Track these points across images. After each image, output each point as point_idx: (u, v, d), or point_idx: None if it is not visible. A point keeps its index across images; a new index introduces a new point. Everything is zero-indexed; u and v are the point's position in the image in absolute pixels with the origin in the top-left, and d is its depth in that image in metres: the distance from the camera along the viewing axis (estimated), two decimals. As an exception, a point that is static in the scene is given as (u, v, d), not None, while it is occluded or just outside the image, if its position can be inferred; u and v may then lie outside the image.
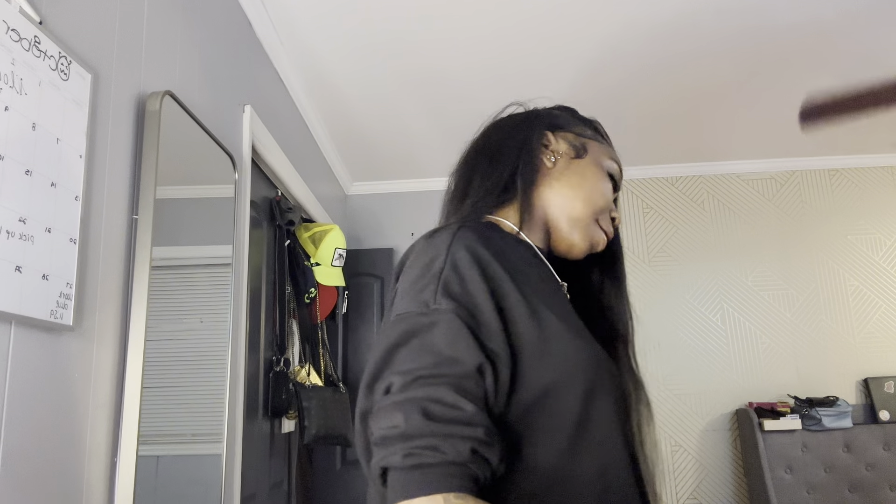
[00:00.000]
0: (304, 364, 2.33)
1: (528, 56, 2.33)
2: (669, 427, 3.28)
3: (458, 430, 0.50)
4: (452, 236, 0.63)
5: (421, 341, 0.55)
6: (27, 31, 0.90)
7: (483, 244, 0.63)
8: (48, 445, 0.92)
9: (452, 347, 0.54)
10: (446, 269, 0.60)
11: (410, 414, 0.50)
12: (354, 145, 3.08)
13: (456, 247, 0.61)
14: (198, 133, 1.45)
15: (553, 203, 0.78)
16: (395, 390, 0.53)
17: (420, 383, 0.52)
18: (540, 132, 0.81)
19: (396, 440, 0.50)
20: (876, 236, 3.44)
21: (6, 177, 0.84)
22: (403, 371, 0.54)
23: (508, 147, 0.79)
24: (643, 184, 3.59)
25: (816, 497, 2.94)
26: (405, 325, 0.57)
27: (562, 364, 0.59)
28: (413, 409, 0.51)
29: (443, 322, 0.56)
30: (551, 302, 0.64)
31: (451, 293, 0.58)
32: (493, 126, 0.85)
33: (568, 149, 0.81)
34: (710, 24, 2.17)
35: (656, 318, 3.40)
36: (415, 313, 0.58)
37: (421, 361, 0.54)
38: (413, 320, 0.57)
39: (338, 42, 2.19)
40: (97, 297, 1.05)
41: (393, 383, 0.54)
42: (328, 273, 2.46)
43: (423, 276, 0.61)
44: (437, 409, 0.51)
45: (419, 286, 0.60)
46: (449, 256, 0.61)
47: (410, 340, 0.56)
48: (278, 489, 2.17)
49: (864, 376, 3.25)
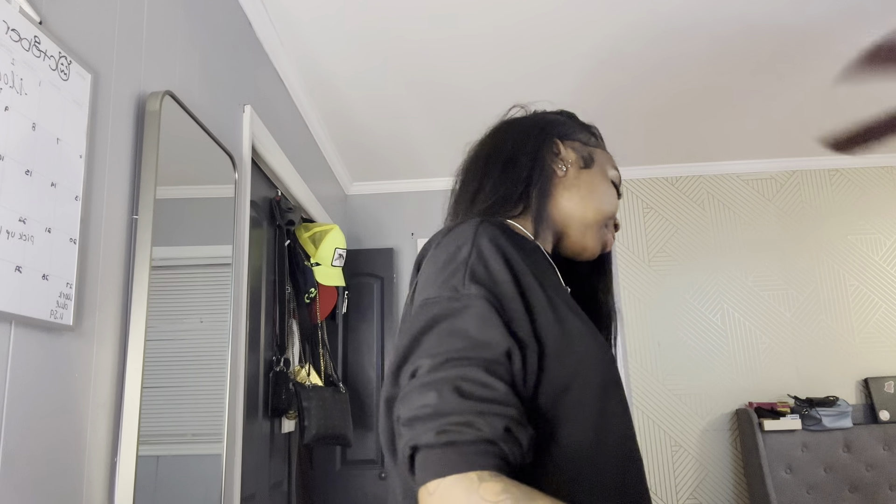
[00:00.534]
0: (304, 364, 2.33)
1: (529, 56, 2.33)
2: (669, 427, 3.29)
3: (493, 407, 0.50)
4: (476, 228, 0.64)
5: (450, 325, 0.55)
6: (27, 31, 0.90)
7: (506, 238, 0.64)
8: (48, 445, 0.92)
9: (483, 331, 0.54)
10: (473, 256, 0.61)
11: (443, 392, 0.50)
12: (354, 145, 3.08)
13: (481, 237, 0.63)
14: (198, 133, 1.45)
15: (566, 212, 0.80)
16: (423, 372, 0.53)
17: (451, 364, 0.52)
18: (550, 141, 0.83)
19: (428, 419, 0.49)
20: (876, 236, 3.44)
21: (6, 177, 0.84)
22: (433, 354, 0.54)
23: (521, 155, 0.81)
24: (643, 184, 3.59)
25: (816, 497, 2.94)
26: (434, 310, 0.57)
27: (581, 361, 0.61)
28: (446, 387, 0.50)
29: (473, 306, 0.56)
30: (566, 300, 0.66)
31: (479, 280, 0.58)
32: (501, 130, 0.86)
33: (577, 159, 0.83)
34: (710, 25, 2.17)
35: (656, 317, 3.40)
36: (445, 297, 0.58)
37: (451, 344, 0.54)
38: (443, 305, 0.57)
39: (338, 42, 2.19)
40: (97, 297, 1.05)
41: (421, 366, 0.54)
42: (328, 273, 2.46)
43: (449, 263, 0.61)
44: (470, 387, 0.51)
45: (447, 273, 0.60)
46: (475, 246, 0.62)
47: (439, 324, 0.56)
48: (278, 489, 2.17)
49: (864, 376, 3.25)
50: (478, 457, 0.48)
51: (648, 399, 3.32)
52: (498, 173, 0.80)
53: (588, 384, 0.60)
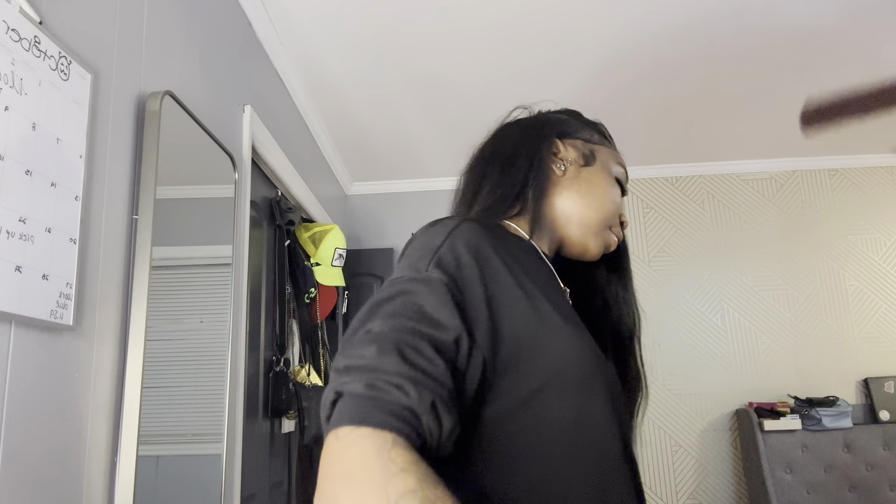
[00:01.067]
0: (304, 364, 2.33)
1: (530, 57, 2.33)
2: (669, 427, 3.29)
3: (427, 380, 0.49)
4: (457, 223, 0.64)
5: (406, 299, 0.55)
6: (27, 31, 0.90)
7: (484, 235, 0.64)
8: (48, 445, 0.92)
9: (437, 311, 0.54)
10: (443, 248, 0.61)
11: (385, 349, 0.50)
12: (354, 145, 3.08)
13: (457, 233, 0.62)
14: (198, 133, 1.45)
15: (564, 212, 0.79)
16: (371, 330, 0.53)
17: (400, 328, 0.52)
18: (549, 140, 0.82)
19: (363, 370, 0.49)
20: (876, 236, 3.44)
21: (6, 177, 0.84)
22: (384, 317, 0.54)
23: (519, 156, 0.80)
24: (643, 184, 3.59)
25: (816, 497, 2.94)
26: (394, 287, 0.58)
27: (558, 361, 0.59)
28: (388, 345, 0.50)
29: (432, 287, 0.56)
30: (551, 297, 0.64)
31: (443, 266, 0.58)
32: (501, 132, 0.86)
33: (577, 157, 0.82)
34: (710, 26, 2.17)
35: (656, 317, 3.40)
36: (406, 278, 0.58)
37: (404, 314, 0.54)
38: (403, 283, 0.57)
39: (338, 42, 2.19)
40: (97, 297, 1.05)
41: (371, 328, 0.53)
42: (328, 273, 2.46)
43: (420, 250, 0.62)
44: (412, 354, 0.50)
45: (414, 258, 0.61)
46: (448, 239, 0.61)
47: (395, 298, 0.56)
48: (278, 489, 2.17)
49: (864, 376, 3.25)
50: (397, 421, 0.46)
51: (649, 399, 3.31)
52: (497, 175, 0.80)
53: (562, 390, 0.58)
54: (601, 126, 0.89)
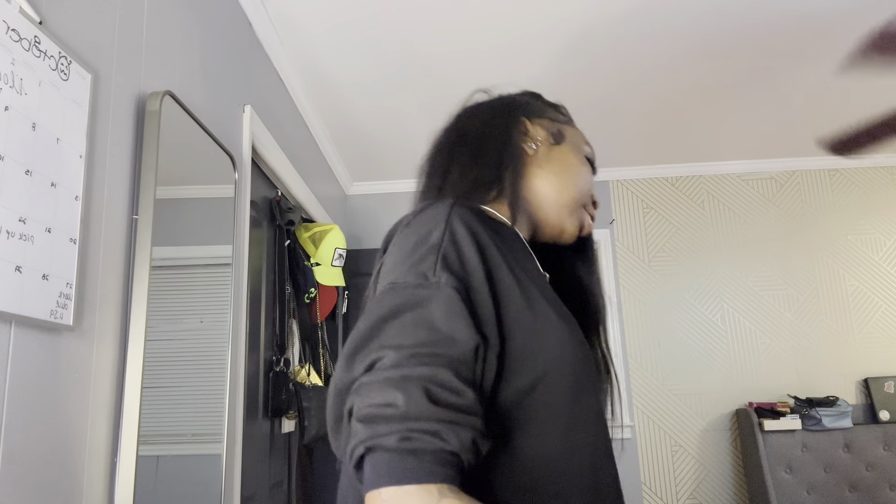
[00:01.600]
0: (304, 364, 2.33)
1: (530, 57, 2.33)
2: (669, 427, 3.28)
3: (461, 417, 0.47)
4: (450, 210, 0.61)
5: (416, 315, 0.52)
6: (27, 31, 0.90)
7: (480, 222, 0.61)
8: (48, 445, 0.92)
9: (450, 325, 0.51)
10: (445, 241, 0.57)
11: (412, 393, 0.47)
12: (354, 145, 3.08)
13: (454, 220, 0.59)
14: (198, 133, 1.45)
15: (540, 192, 0.77)
16: (387, 365, 0.49)
17: (418, 361, 0.49)
18: (517, 120, 0.79)
19: (393, 420, 0.46)
20: (876, 236, 3.44)
21: (6, 177, 0.84)
22: (397, 346, 0.50)
23: (489, 138, 0.77)
24: (643, 184, 3.59)
25: (816, 497, 2.94)
26: (400, 296, 0.54)
27: (553, 352, 0.58)
28: (414, 388, 0.47)
29: (442, 296, 0.53)
30: (541, 287, 0.63)
31: (450, 267, 0.55)
32: (465, 115, 0.82)
33: (546, 136, 0.80)
34: (709, 24, 2.17)
35: (656, 317, 3.40)
36: (413, 284, 0.54)
37: (417, 337, 0.50)
38: (410, 292, 0.54)
39: (338, 42, 2.19)
40: (97, 297, 1.05)
41: (383, 357, 0.50)
42: (328, 273, 2.46)
43: (419, 245, 0.58)
44: (439, 391, 0.47)
45: (416, 256, 0.57)
46: (448, 229, 0.58)
47: (404, 313, 0.52)
48: (278, 489, 2.17)
49: (864, 376, 3.25)
50: (441, 468, 0.45)
51: (648, 399, 3.32)
52: (467, 158, 0.76)
53: (557, 385, 0.57)
54: (562, 107, 0.87)
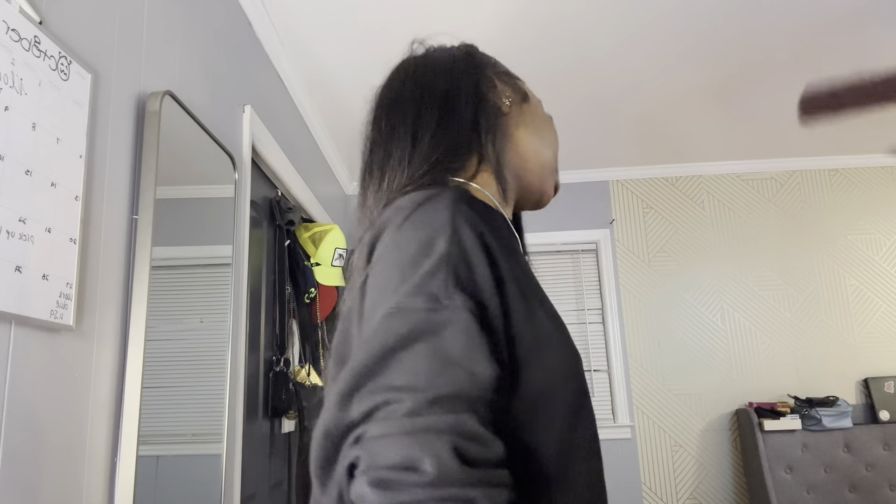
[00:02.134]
0: (304, 364, 2.33)
1: (530, 57, 2.33)
2: (669, 427, 3.28)
3: (495, 475, 0.40)
4: (452, 210, 0.52)
5: (430, 347, 0.44)
6: (27, 31, 0.90)
7: (484, 222, 0.53)
8: (48, 445, 0.92)
9: (469, 357, 0.43)
10: (454, 253, 0.49)
11: (440, 453, 0.38)
12: (354, 145, 3.08)
13: (460, 225, 0.51)
14: (198, 133, 1.45)
15: (524, 154, 0.69)
16: (401, 413, 0.40)
17: (441, 408, 0.41)
18: (486, 76, 0.70)
19: (417, 487, 0.37)
20: (876, 236, 3.44)
21: (6, 177, 0.84)
22: (410, 387, 0.41)
23: (458, 96, 0.66)
24: (643, 184, 3.59)
25: (816, 497, 2.94)
26: (408, 324, 0.45)
27: (551, 374, 0.52)
28: (441, 445, 0.39)
29: (458, 322, 0.45)
30: (539, 294, 0.56)
31: (463, 285, 0.47)
32: (422, 67, 0.70)
33: (512, 92, 0.71)
34: (709, 25, 2.17)
35: (656, 317, 3.40)
36: (423, 308, 0.45)
37: (432, 375, 0.42)
38: (421, 317, 0.45)
39: (337, 42, 2.19)
40: (97, 297, 1.05)
41: (398, 401, 0.41)
42: (328, 273, 2.46)
43: (422, 256, 0.49)
44: (469, 447, 0.40)
45: (422, 271, 0.48)
46: (455, 236, 0.50)
47: (414, 344, 0.44)
48: (278, 489, 2.17)
49: (864, 376, 3.25)
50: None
51: (648, 399, 3.32)
52: (435, 119, 0.64)
53: (557, 403, 0.51)
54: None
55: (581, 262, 3.53)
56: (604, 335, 3.43)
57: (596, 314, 3.46)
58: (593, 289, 3.49)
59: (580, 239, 3.53)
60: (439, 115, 0.65)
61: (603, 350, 3.41)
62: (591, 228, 3.54)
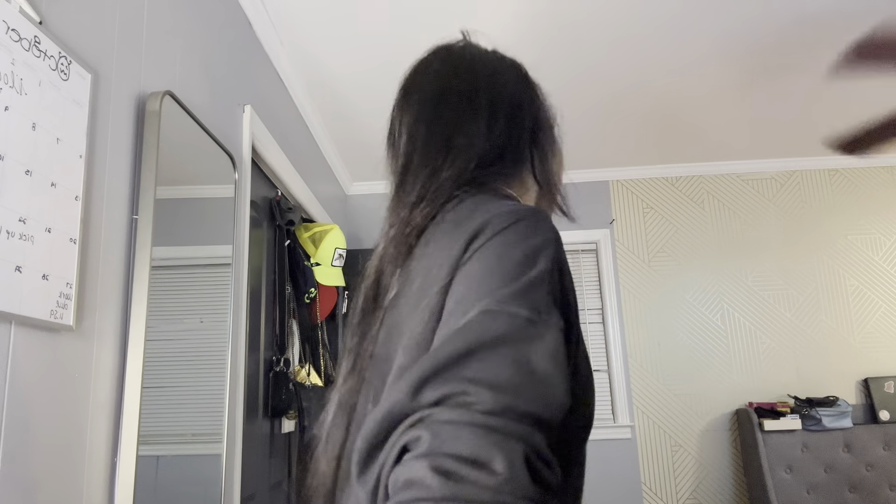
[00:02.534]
0: (304, 364, 2.33)
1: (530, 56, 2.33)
2: (669, 427, 3.28)
3: (553, 500, 0.39)
4: (553, 230, 0.52)
5: (518, 354, 0.42)
6: (27, 31, 0.90)
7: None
8: (48, 445, 0.92)
9: (553, 376, 0.42)
10: (555, 269, 0.49)
11: (513, 458, 0.37)
12: (354, 145, 3.08)
13: (559, 246, 0.51)
14: (198, 133, 1.45)
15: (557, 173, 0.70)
16: (480, 408, 0.39)
17: (518, 415, 0.40)
18: (538, 93, 0.70)
19: (484, 487, 0.36)
20: (876, 236, 3.44)
21: (6, 177, 0.84)
22: (492, 385, 0.40)
23: (523, 104, 0.66)
24: (643, 184, 3.59)
25: (816, 497, 2.94)
26: (503, 328, 0.44)
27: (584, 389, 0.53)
28: (517, 452, 0.37)
29: (550, 338, 0.44)
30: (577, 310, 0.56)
31: (558, 302, 0.48)
32: (490, 67, 0.68)
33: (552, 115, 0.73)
34: (709, 25, 2.17)
35: (656, 318, 3.40)
36: (521, 316, 0.45)
37: (515, 381, 0.41)
38: (518, 323, 0.44)
39: (338, 42, 2.19)
40: (97, 297, 1.05)
41: (471, 394, 0.40)
42: (328, 273, 2.46)
43: (528, 266, 0.49)
44: (539, 465, 0.39)
45: (525, 281, 0.47)
46: (556, 254, 0.50)
47: (503, 347, 0.43)
48: (278, 489, 2.17)
49: (864, 376, 3.25)
50: None
51: (648, 399, 3.32)
52: (504, 122, 0.64)
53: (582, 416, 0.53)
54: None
55: (581, 262, 3.53)
56: (604, 335, 3.43)
57: (596, 314, 3.46)
58: (593, 289, 3.50)
59: (580, 239, 3.53)
60: (507, 119, 0.65)
61: (603, 350, 3.41)
62: (591, 228, 3.54)
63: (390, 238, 0.61)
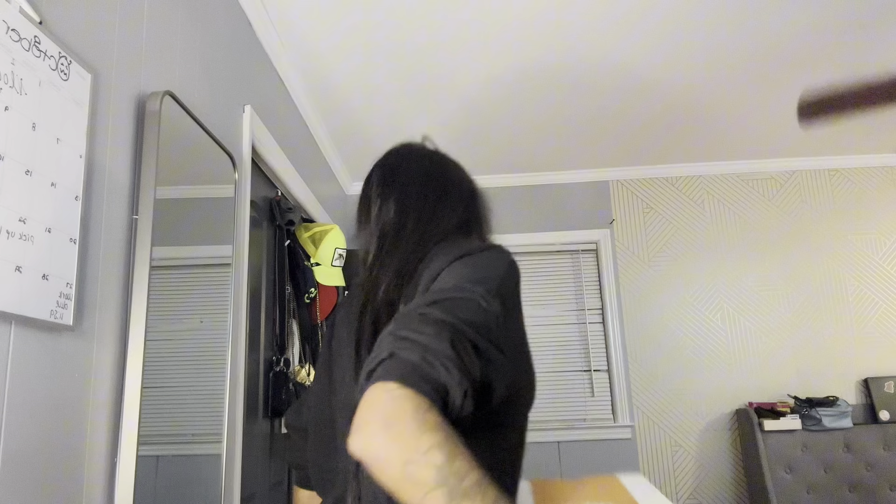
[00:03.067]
0: (304, 364, 2.33)
1: (530, 54, 2.33)
2: (669, 427, 3.29)
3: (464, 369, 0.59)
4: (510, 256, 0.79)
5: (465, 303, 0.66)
6: (27, 31, 0.90)
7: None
8: (48, 445, 0.92)
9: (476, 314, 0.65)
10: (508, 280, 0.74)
11: (442, 335, 0.60)
12: (354, 145, 3.08)
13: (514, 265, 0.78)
14: (198, 133, 1.45)
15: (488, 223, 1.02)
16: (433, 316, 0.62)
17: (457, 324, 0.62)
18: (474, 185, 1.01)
19: (419, 345, 0.59)
20: (876, 236, 3.44)
21: (6, 177, 0.84)
22: (447, 309, 0.64)
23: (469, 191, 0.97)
24: (643, 184, 3.59)
25: (816, 497, 2.94)
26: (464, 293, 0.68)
27: (527, 373, 0.77)
28: (445, 333, 0.60)
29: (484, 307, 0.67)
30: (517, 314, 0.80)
31: (501, 298, 0.70)
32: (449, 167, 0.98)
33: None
34: (710, 25, 2.17)
35: (656, 318, 3.40)
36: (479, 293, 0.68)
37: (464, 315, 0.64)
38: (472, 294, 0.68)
39: (338, 42, 2.19)
40: (97, 297, 1.05)
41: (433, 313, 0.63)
42: (328, 273, 2.46)
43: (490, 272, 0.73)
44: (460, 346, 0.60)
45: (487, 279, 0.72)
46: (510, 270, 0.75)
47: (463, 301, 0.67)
48: (278, 489, 2.17)
49: (864, 376, 3.25)
50: (436, 392, 0.56)
51: (648, 399, 3.32)
52: (468, 201, 0.96)
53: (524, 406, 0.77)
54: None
55: (581, 262, 3.53)
56: (604, 335, 3.43)
57: (596, 314, 3.46)
58: (593, 289, 3.50)
59: (580, 239, 3.53)
60: (468, 199, 0.96)
61: (603, 350, 3.41)
62: (591, 228, 3.54)
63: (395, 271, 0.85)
